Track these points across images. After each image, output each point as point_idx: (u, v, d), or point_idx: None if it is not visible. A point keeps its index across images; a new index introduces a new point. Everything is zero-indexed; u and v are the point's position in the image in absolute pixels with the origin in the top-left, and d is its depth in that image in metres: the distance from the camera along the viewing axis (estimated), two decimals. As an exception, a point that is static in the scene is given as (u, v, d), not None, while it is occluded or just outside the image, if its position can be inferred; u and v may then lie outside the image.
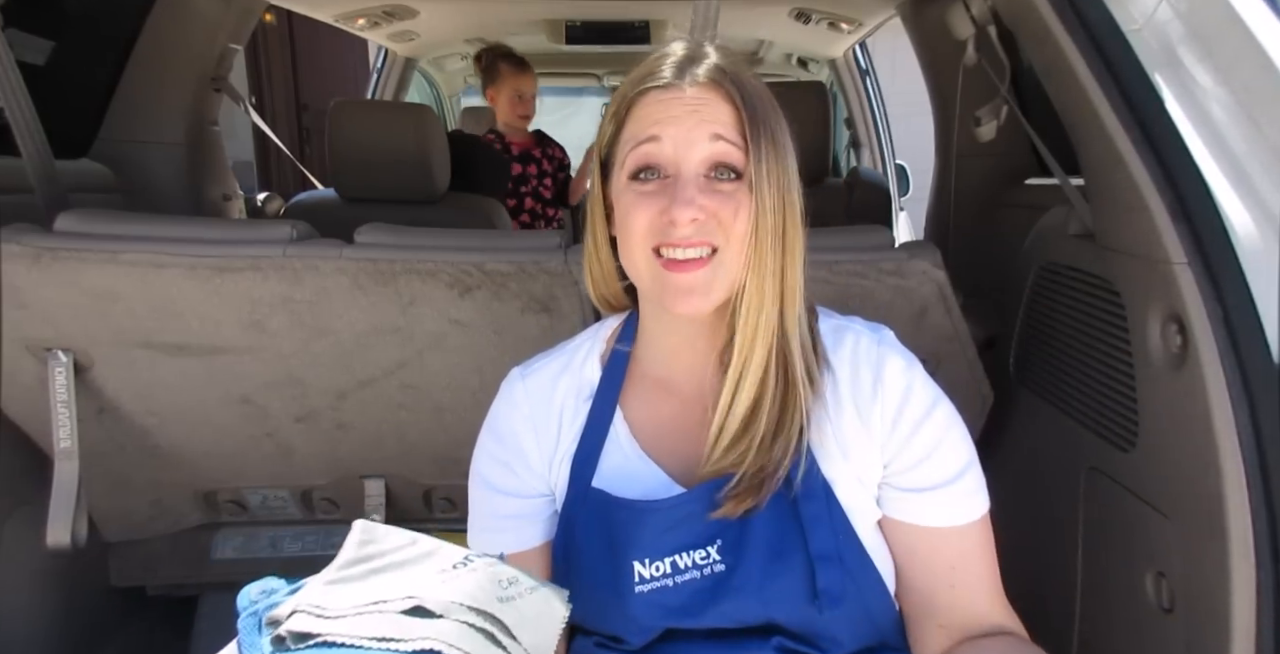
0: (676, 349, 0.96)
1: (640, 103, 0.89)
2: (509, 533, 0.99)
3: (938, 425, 0.90)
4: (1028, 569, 0.97)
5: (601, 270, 0.98)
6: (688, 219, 0.84)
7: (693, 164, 0.86)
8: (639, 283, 0.92)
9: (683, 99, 0.87)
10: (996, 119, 1.66)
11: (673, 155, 0.86)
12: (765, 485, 0.86)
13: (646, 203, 0.86)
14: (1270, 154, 0.94)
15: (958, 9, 1.64)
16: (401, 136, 2.00)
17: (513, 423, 0.99)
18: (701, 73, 0.88)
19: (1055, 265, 1.40)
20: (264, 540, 1.75)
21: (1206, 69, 1.00)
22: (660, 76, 0.89)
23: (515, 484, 0.99)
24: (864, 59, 3.56)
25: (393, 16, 2.92)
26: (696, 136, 0.86)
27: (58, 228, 1.33)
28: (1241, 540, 0.92)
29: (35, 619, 1.60)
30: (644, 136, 0.87)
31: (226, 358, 1.42)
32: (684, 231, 0.84)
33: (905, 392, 0.90)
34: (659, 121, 0.87)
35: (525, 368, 1.02)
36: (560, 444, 0.98)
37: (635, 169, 0.88)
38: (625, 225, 0.88)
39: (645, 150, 0.87)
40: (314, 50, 6.40)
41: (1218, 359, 0.94)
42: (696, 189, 0.85)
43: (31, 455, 1.50)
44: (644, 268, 0.88)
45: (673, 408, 0.96)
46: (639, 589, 0.89)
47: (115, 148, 1.98)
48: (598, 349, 1.01)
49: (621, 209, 0.89)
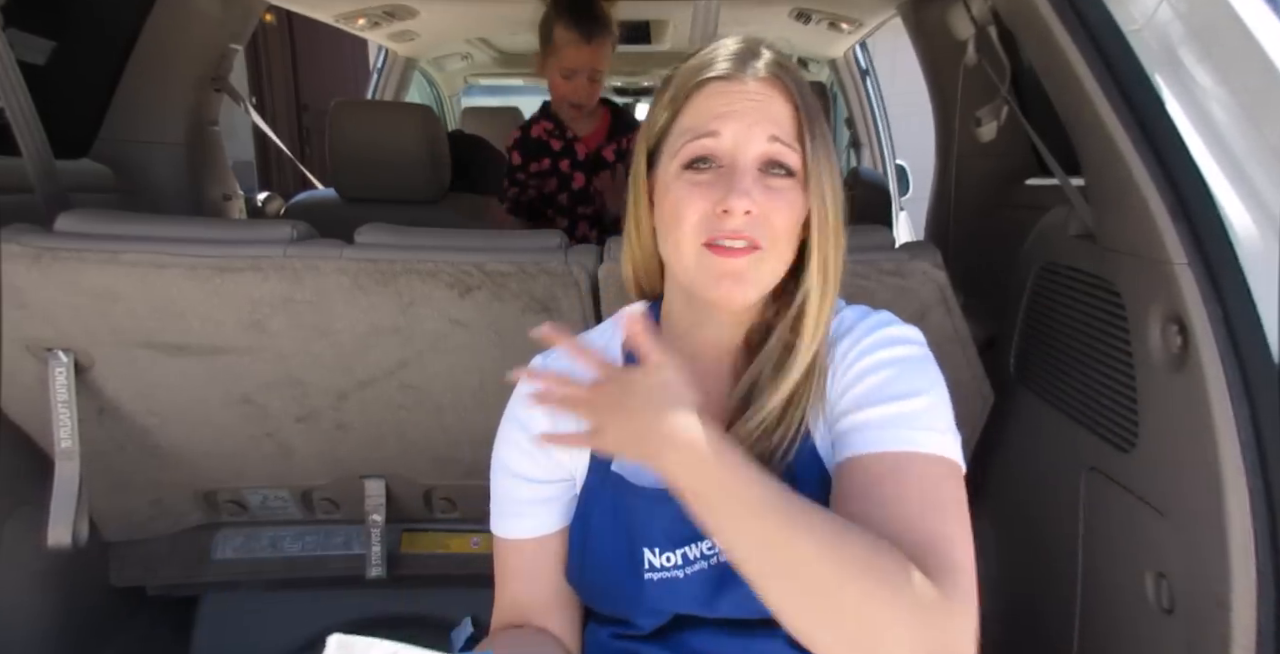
0: (702, 343, 0.97)
1: (700, 93, 0.90)
2: (529, 518, 1.00)
3: (885, 354, 0.89)
4: (1028, 569, 0.97)
5: (644, 256, 0.98)
6: (742, 210, 0.84)
7: (750, 158, 0.87)
8: (680, 271, 0.91)
9: (744, 92, 0.88)
10: (996, 119, 1.66)
11: (730, 150, 0.87)
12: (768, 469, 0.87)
13: (700, 193, 0.87)
14: (1270, 154, 0.94)
15: (958, 9, 1.64)
16: (402, 136, 2.00)
17: (532, 409, 0.99)
18: (762, 67, 0.89)
19: (1055, 265, 1.40)
20: (264, 540, 1.75)
21: (1206, 69, 1.00)
22: (720, 67, 0.89)
23: (535, 470, 1.00)
24: (864, 59, 3.56)
25: (393, 16, 2.92)
26: (755, 135, 0.87)
27: (58, 228, 1.33)
28: (1241, 540, 0.92)
29: (35, 619, 1.60)
30: (703, 130, 0.88)
31: (227, 358, 1.42)
32: (736, 223, 0.85)
33: (858, 336, 0.91)
34: (719, 116, 0.87)
35: (546, 356, 1.03)
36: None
37: (690, 159, 0.88)
38: (676, 214, 0.88)
39: (703, 143, 0.88)
40: (314, 50, 6.40)
41: (1218, 359, 0.94)
42: (753, 182, 0.86)
43: (31, 455, 1.50)
44: (689, 257, 0.88)
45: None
46: (649, 576, 0.91)
47: (115, 148, 1.98)
48: (619, 337, 1.02)
49: (673, 198, 0.89)
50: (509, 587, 1.02)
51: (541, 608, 1.00)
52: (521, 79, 4.83)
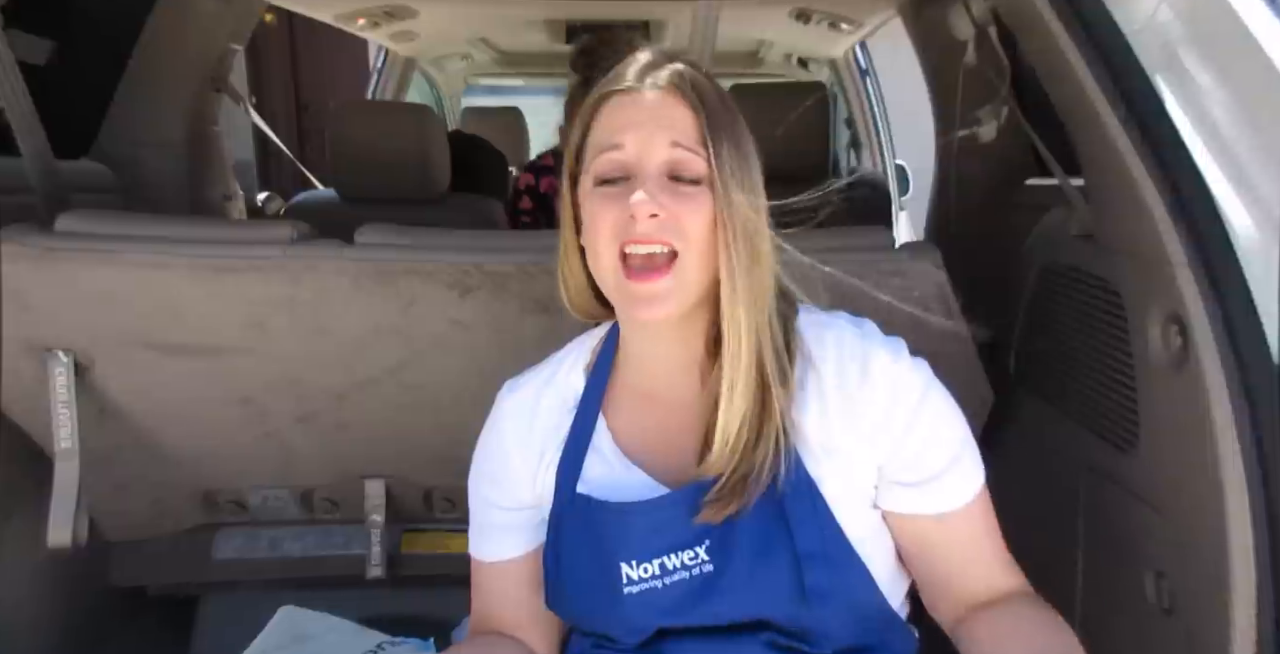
0: (654, 357, 0.97)
1: (604, 108, 0.91)
2: (500, 541, 1.02)
3: (932, 414, 0.91)
4: (1028, 569, 0.97)
5: (575, 279, 0.98)
6: (647, 213, 0.85)
7: (654, 166, 0.87)
8: (606, 292, 0.92)
9: (642, 103, 0.89)
10: (996, 119, 1.66)
11: (635, 160, 0.88)
12: (749, 490, 0.87)
13: (611, 203, 0.87)
14: (1270, 154, 0.94)
15: (958, 9, 1.64)
16: (402, 136, 2.00)
17: (498, 438, 1.02)
18: (664, 77, 0.90)
19: (1056, 266, 1.40)
20: (264, 541, 1.75)
21: (1206, 69, 1.00)
22: (622, 81, 0.91)
23: (502, 497, 1.02)
24: (864, 59, 3.56)
25: (393, 16, 2.92)
26: (657, 142, 0.87)
27: (58, 228, 1.33)
28: (1241, 540, 0.92)
29: (35, 619, 1.60)
30: (608, 144, 0.89)
31: (227, 358, 1.42)
32: (644, 227, 0.85)
33: (893, 386, 0.90)
34: (621, 127, 0.89)
35: (514, 383, 1.05)
36: (545, 455, 0.99)
37: (601, 175, 0.89)
38: (592, 226, 0.89)
39: (609, 157, 0.89)
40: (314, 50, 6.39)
41: (1218, 360, 0.94)
42: (657, 186, 0.86)
43: (31, 455, 1.50)
44: (610, 276, 0.89)
45: (656, 415, 0.97)
46: (628, 590, 0.90)
47: (115, 148, 1.98)
48: (583, 359, 1.03)
49: (589, 212, 0.90)
50: (482, 601, 1.04)
51: (512, 625, 1.02)
52: (521, 79, 4.83)
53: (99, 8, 1.93)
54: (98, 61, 1.96)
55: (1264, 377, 0.92)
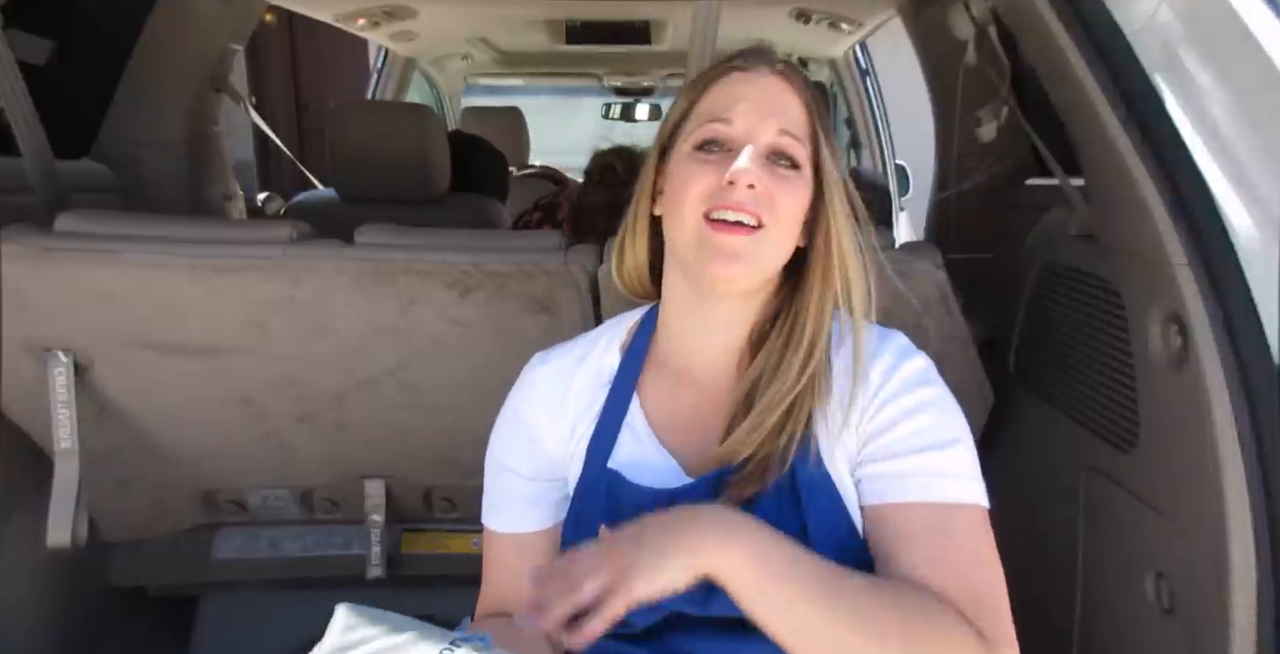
0: (698, 338, 0.97)
1: (718, 83, 0.93)
2: (519, 513, 1.01)
3: (914, 398, 0.90)
4: (1028, 569, 0.97)
5: (636, 253, 1.00)
6: (746, 183, 0.86)
7: (760, 145, 0.89)
8: (681, 246, 0.92)
9: (760, 83, 0.92)
10: (996, 119, 1.66)
11: (741, 137, 0.89)
12: (768, 474, 0.87)
13: (709, 169, 0.89)
14: (1270, 154, 0.94)
15: (958, 9, 1.64)
16: (402, 136, 2.00)
17: (529, 406, 1.01)
18: (780, 64, 0.93)
19: (1056, 266, 1.40)
20: (264, 541, 1.75)
21: (1206, 69, 1.00)
22: (739, 60, 0.94)
23: (528, 467, 1.00)
24: (864, 59, 3.56)
25: (393, 16, 2.92)
26: (767, 126, 0.90)
27: (58, 228, 1.33)
28: (1241, 540, 0.92)
29: (36, 619, 1.60)
30: (718, 115, 0.90)
31: (227, 358, 1.42)
32: (740, 195, 0.87)
33: (887, 372, 0.91)
34: (733, 102, 0.91)
35: (546, 354, 1.04)
36: (576, 429, 0.99)
37: (702, 141, 0.91)
38: (682, 189, 0.90)
39: (715, 127, 0.90)
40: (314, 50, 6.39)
41: (1218, 360, 0.94)
42: (760, 162, 0.88)
43: (31, 455, 1.50)
44: (691, 231, 0.89)
45: (690, 398, 0.97)
46: None
47: (115, 148, 1.98)
48: (619, 338, 1.03)
49: (680, 176, 0.91)
50: (494, 577, 1.03)
51: (518, 598, 1.01)
52: (521, 79, 4.82)
53: (99, 8, 1.93)
54: (98, 61, 1.96)
55: (1264, 377, 0.92)
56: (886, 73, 3.59)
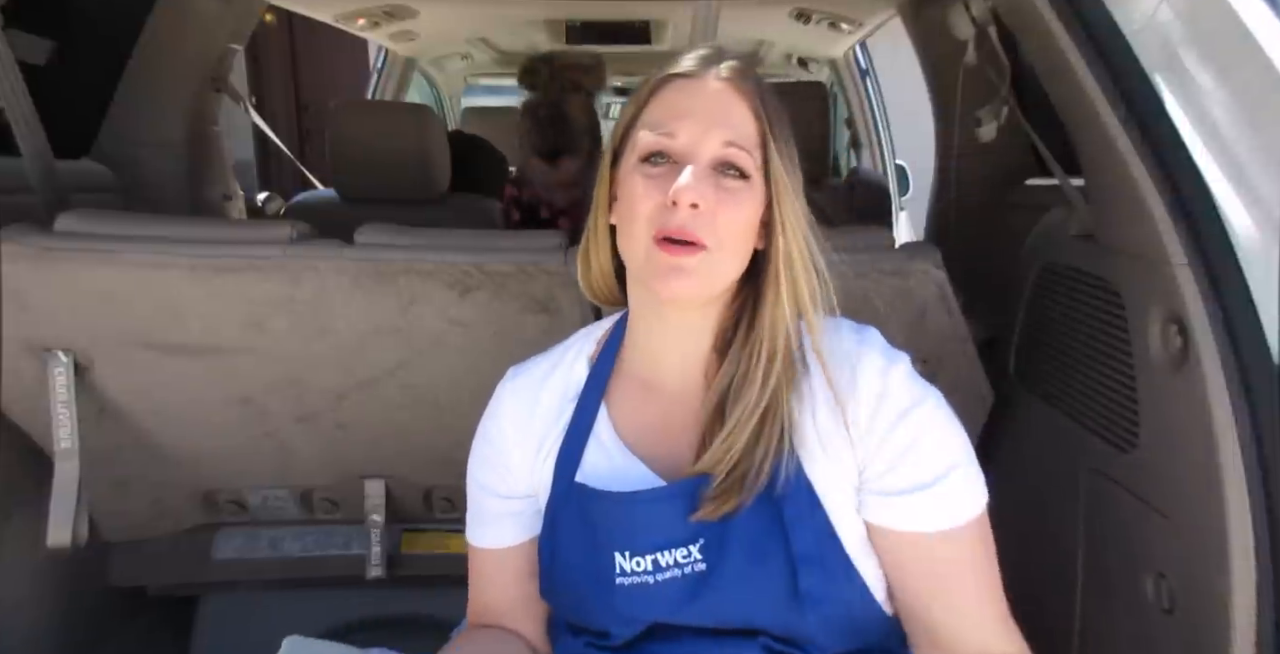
0: (663, 349, 0.96)
1: (662, 90, 0.91)
2: (496, 528, 1.02)
3: (916, 424, 0.88)
4: (1028, 569, 0.97)
5: (600, 261, 0.98)
6: (689, 201, 0.84)
7: (703, 159, 0.87)
8: (635, 267, 0.91)
9: (704, 92, 0.89)
10: (996, 119, 1.66)
11: (684, 151, 0.87)
12: (746, 488, 0.86)
13: (655, 185, 0.87)
14: (1270, 154, 0.94)
15: (958, 9, 1.64)
16: (401, 136, 2.00)
17: (498, 424, 1.02)
18: (725, 69, 0.90)
19: (1056, 266, 1.40)
20: (264, 541, 1.75)
21: (1206, 69, 1.00)
22: (684, 66, 0.91)
23: (500, 484, 1.01)
24: (864, 59, 3.56)
25: (393, 16, 2.92)
26: (711, 138, 0.87)
27: (58, 228, 1.33)
28: (1241, 540, 0.92)
29: (35, 619, 1.60)
30: (660, 127, 0.88)
31: (226, 358, 1.42)
32: (681, 218, 0.85)
33: (880, 392, 0.88)
34: (677, 115, 0.88)
35: (516, 370, 1.04)
36: (544, 444, 0.99)
37: (646, 153, 0.88)
38: (629, 207, 0.88)
39: (659, 141, 0.88)
40: (314, 50, 6.39)
41: (1218, 360, 0.94)
42: (702, 177, 0.86)
43: (31, 455, 1.50)
44: (641, 249, 0.88)
45: (658, 407, 0.96)
46: (620, 581, 0.90)
47: (115, 148, 1.98)
48: (587, 349, 1.02)
49: (627, 191, 0.89)
50: (480, 590, 1.04)
51: (509, 613, 1.02)
52: (521, 79, 4.82)
53: (99, 8, 1.93)
54: (98, 61, 1.96)
55: (1264, 377, 0.92)
56: (886, 73, 3.59)
